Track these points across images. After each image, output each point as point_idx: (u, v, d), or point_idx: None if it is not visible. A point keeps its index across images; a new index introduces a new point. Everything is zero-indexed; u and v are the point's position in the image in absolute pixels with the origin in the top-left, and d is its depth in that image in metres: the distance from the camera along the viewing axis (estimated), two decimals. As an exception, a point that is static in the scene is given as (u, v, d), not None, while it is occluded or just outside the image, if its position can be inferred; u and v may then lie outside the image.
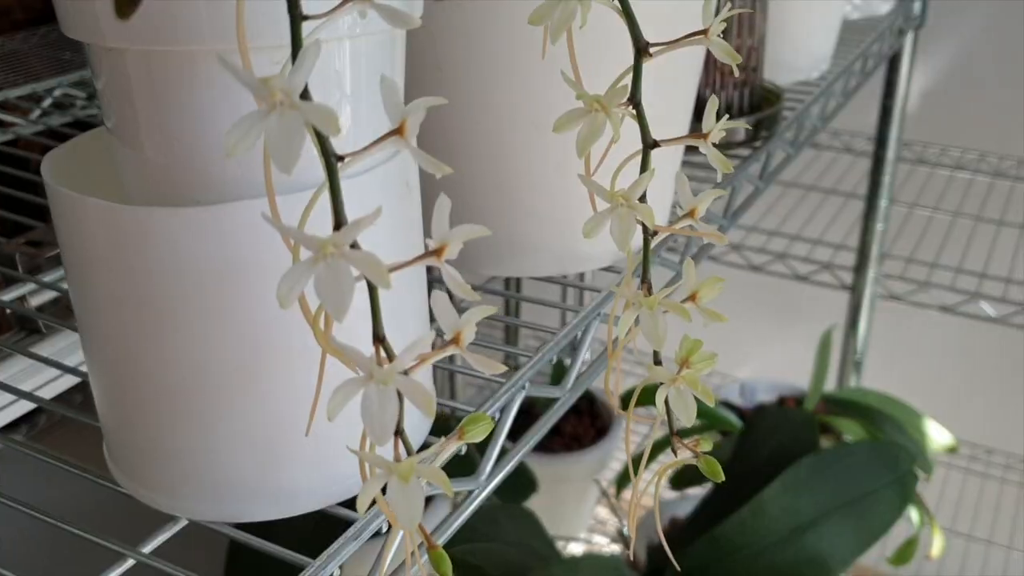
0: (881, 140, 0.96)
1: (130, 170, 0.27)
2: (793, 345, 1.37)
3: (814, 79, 0.68)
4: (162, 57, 0.24)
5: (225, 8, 0.23)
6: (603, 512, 1.20)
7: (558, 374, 0.87)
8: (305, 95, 0.18)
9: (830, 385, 0.93)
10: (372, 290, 0.20)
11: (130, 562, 0.28)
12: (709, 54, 0.55)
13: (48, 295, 0.43)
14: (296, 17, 0.19)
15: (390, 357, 0.21)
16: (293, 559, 0.27)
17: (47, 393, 0.40)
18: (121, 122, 0.26)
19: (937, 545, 0.81)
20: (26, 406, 0.39)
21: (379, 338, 0.21)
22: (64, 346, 0.42)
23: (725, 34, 0.60)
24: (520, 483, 0.73)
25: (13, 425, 0.42)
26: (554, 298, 1.05)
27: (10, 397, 0.34)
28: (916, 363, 1.33)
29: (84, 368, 0.31)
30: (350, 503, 0.29)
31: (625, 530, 0.70)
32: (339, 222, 0.19)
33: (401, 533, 0.27)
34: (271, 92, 0.17)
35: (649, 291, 0.27)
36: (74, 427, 0.33)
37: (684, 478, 0.79)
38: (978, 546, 1.19)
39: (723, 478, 0.28)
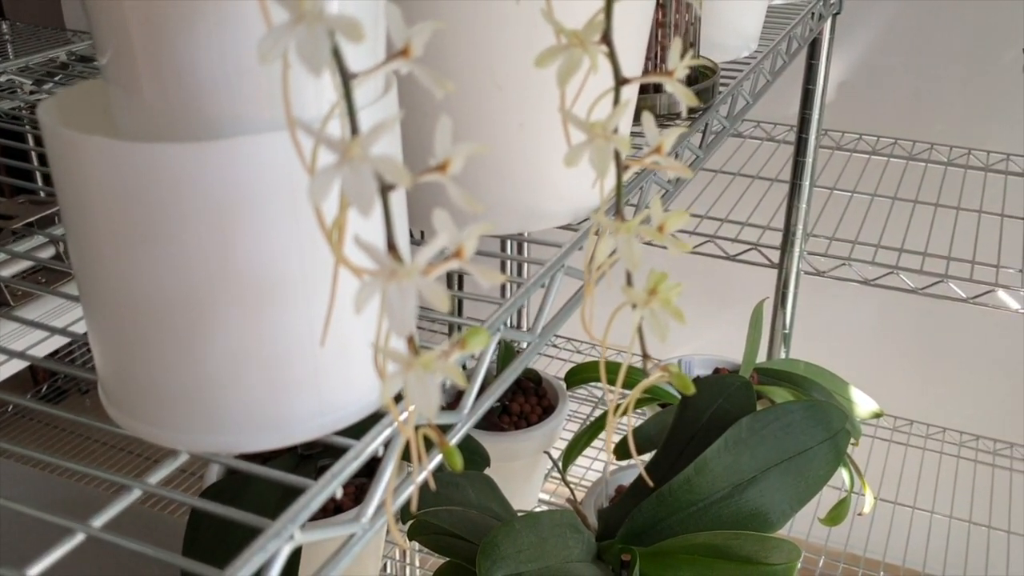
0: (803, 123, 1.01)
1: (126, 114, 0.28)
2: (726, 324, 1.42)
3: (743, 58, 0.72)
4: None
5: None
6: (550, 489, 1.22)
7: (506, 357, 0.89)
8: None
9: (760, 358, 0.97)
10: (385, 198, 0.22)
11: (138, 492, 0.29)
12: (653, 32, 0.57)
13: (13, 268, 0.43)
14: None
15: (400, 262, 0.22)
16: (295, 482, 0.28)
17: (16, 367, 0.41)
18: (118, 64, 0.27)
19: (868, 502, 0.85)
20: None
21: (391, 245, 0.22)
22: (36, 316, 0.43)
23: (663, 10, 0.62)
24: (473, 459, 0.75)
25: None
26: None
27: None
28: (841, 336, 1.39)
29: (71, 328, 0.32)
30: (346, 432, 0.31)
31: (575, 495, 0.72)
32: (355, 131, 0.21)
33: (396, 452, 0.28)
34: (299, 2, 0.19)
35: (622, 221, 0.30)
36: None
37: (629, 450, 0.81)
38: (903, 512, 1.25)
39: (693, 390, 0.30)
